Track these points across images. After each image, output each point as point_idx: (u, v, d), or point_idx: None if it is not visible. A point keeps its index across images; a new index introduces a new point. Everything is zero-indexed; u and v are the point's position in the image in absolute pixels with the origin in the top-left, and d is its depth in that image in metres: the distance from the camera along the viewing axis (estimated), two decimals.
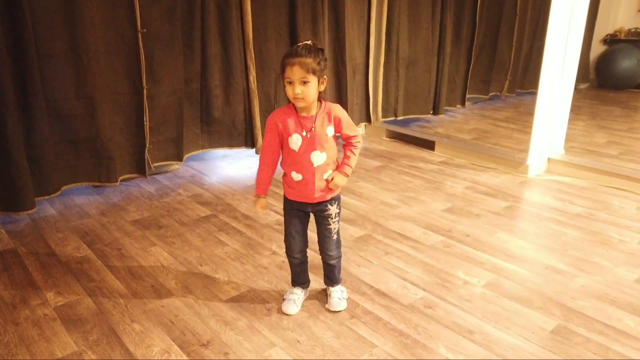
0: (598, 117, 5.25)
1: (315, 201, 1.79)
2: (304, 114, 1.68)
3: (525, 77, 6.04)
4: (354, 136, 1.75)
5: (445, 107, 5.17)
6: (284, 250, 1.94)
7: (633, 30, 6.89)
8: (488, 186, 3.30)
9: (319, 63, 1.58)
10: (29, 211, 2.71)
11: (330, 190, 1.78)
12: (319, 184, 1.75)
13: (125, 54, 3.02)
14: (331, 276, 1.96)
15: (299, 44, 1.59)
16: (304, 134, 1.67)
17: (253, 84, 3.59)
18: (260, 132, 3.72)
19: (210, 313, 1.93)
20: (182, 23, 3.19)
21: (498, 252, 2.41)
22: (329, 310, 1.93)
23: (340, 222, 1.89)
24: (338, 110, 1.71)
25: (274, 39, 3.64)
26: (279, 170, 1.82)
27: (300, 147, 1.70)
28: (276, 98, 3.77)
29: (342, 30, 3.93)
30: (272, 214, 2.85)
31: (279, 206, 2.94)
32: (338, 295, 1.96)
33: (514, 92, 6.00)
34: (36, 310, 1.94)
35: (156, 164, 3.33)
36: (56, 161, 2.88)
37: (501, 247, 2.46)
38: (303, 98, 1.59)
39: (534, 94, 3.48)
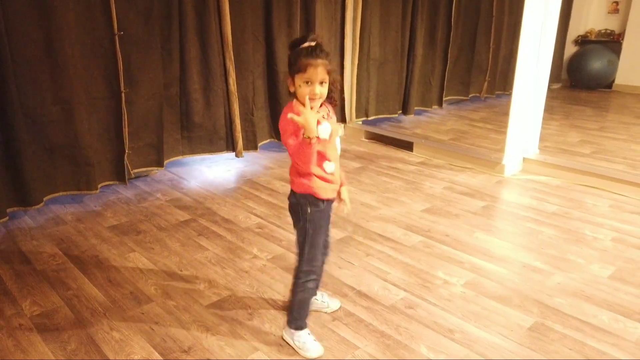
0: (571, 116, 5.38)
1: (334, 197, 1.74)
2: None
3: (506, 79, 6.13)
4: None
5: (421, 108, 5.24)
6: (305, 271, 1.71)
7: (603, 31, 7.08)
8: (466, 186, 3.35)
9: (331, 64, 1.60)
10: (1, 220, 2.65)
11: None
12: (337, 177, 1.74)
13: (102, 57, 2.96)
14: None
15: (310, 45, 1.55)
16: (329, 120, 1.66)
17: (233, 87, 3.56)
18: (240, 135, 3.69)
19: (191, 319, 1.91)
20: (159, 26, 3.15)
21: (477, 252, 2.44)
22: (326, 312, 1.94)
23: None
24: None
25: (251, 41, 3.63)
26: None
27: (330, 134, 1.65)
28: (254, 101, 3.75)
29: (313, 33, 3.94)
30: (253, 217, 2.84)
31: (259, 209, 2.93)
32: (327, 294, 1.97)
33: (494, 93, 6.10)
34: (11, 321, 1.90)
35: (136, 170, 3.28)
36: (35, 170, 2.79)
37: (479, 247, 2.49)
38: (320, 98, 1.59)
39: (511, 95, 3.54)
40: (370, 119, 4.71)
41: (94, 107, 3.00)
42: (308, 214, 1.66)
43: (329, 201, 1.70)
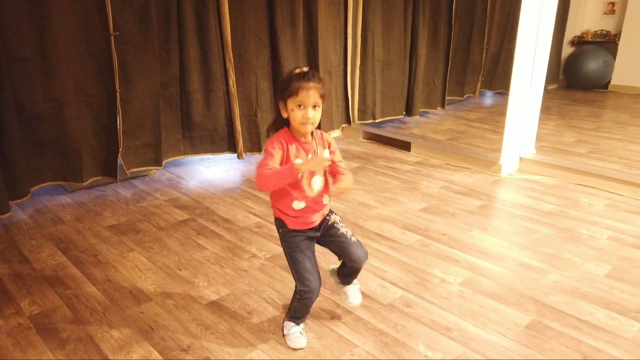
0: (567, 117, 5.40)
1: (318, 224, 1.71)
2: (302, 139, 1.62)
3: (496, 78, 6.18)
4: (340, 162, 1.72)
5: (425, 109, 5.26)
6: (299, 289, 1.69)
7: (599, 32, 7.11)
8: (462, 185, 3.36)
9: (324, 87, 1.59)
10: (3, 215, 2.67)
11: (326, 208, 1.72)
12: (318, 208, 1.68)
13: (97, 57, 2.98)
14: (353, 277, 1.88)
15: (302, 70, 1.56)
16: (308, 157, 1.61)
17: (233, 88, 3.57)
18: (241, 136, 3.70)
19: (190, 318, 1.92)
20: (157, 26, 3.16)
21: (473, 250, 2.46)
22: (348, 306, 1.91)
23: None
24: (328, 135, 1.72)
25: (253, 42, 3.63)
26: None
27: (302, 175, 1.60)
28: (258, 102, 3.76)
29: (315, 34, 3.95)
30: (251, 216, 2.84)
31: (258, 208, 2.94)
32: (357, 287, 1.92)
33: (484, 92, 6.14)
34: (10, 320, 1.90)
35: (134, 170, 3.29)
36: (26, 165, 2.83)
37: (476, 245, 2.51)
38: (313, 123, 1.58)
39: (504, 94, 3.56)
40: (377, 121, 4.70)
41: (88, 105, 3.02)
42: (280, 233, 1.71)
43: (303, 231, 1.68)
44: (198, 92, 3.47)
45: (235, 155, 3.76)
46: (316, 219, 1.69)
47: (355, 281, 1.92)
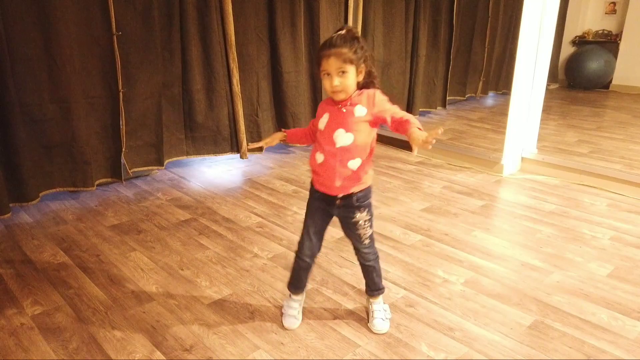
0: (568, 116, 5.40)
1: (339, 193, 1.63)
2: (337, 106, 1.59)
3: (498, 79, 6.18)
4: (394, 113, 1.54)
5: (426, 109, 5.26)
6: (296, 249, 1.81)
7: (600, 32, 7.11)
8: (464, 185, 3.36)
9: (355, 52, 1.48)
10: (3, 216, 2.66)
11: (354, 180, 1.62)
12: (341, 170, 1.58)
13: (100, 57, 2.97)
14: (371, 283, 1.85)
15: (333, 34, 1.49)
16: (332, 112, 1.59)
17: (236, 87, 3.57)
18: (244, 136, 3.70)
19: (192, 317, 1.92)
20: (160, 26, 3.16)
21: (475, 250, 2.46)
22: (370, 331, 1.84)
23: (373, 226, 1.77)
24: (376, 92, 1.56)
25: (255, 42, 3.64)
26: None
27: (325, 125, 1.59)
28: (259, 101, 3.76)
29: (316, 33, 3.95)
30: (253, 216, 2.84)
31: (259, 208, 2.94)
32: (381, 315, 1.85)
33: (487, 92, 6.14)
34: (12, 320, 1.90)
35: (136, 169, 3.29)
36: (32, 167, 2.82)
37: (478, 245, 2.51)
38: (342, 90, 1.51)
39: (506, 94, 3.56)
40: None
41: (92, 106, 3.02)
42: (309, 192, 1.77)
43: (323, 194, 1.68)
44: (201, 92, 3.47)
45: (237, 155, 3.76)
46: (338, 184, 1.61)
47: (385, 307, 1.90)
